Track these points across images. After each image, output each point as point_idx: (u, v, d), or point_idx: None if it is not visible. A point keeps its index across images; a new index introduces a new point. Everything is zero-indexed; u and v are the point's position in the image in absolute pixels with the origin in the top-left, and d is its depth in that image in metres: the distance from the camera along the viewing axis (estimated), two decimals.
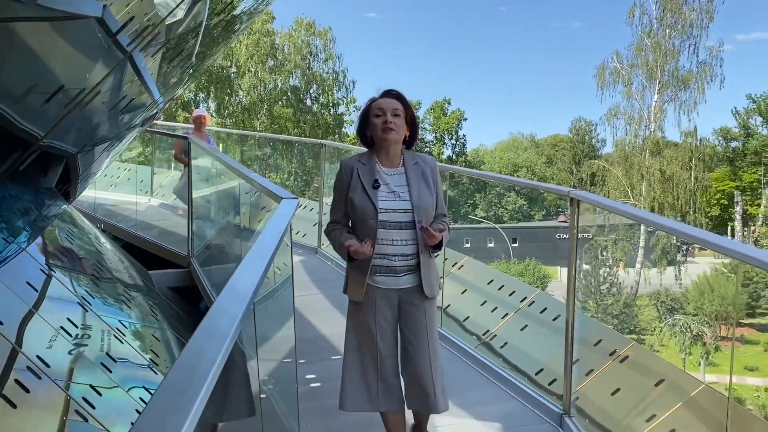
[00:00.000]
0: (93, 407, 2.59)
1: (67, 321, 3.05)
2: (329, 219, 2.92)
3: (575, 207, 3.44)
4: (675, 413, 3.38)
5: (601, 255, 33.72)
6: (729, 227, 49.14)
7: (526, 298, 4.93)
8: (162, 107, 4.97)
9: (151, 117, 4.98)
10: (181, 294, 6.34)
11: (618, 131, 38.61)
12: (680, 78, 36.34)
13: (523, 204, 61.69)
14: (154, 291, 5.34)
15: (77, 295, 3.61)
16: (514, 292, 5.10)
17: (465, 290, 5.49)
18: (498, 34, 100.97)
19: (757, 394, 22.90)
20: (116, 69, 2.76)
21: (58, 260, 3.96)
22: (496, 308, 5.09)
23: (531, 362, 4.36)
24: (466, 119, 66.61)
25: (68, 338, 2.92)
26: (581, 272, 31.11)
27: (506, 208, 61.71)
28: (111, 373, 3.07)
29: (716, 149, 50.13)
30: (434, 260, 2.85)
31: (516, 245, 45.44)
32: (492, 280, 5.37)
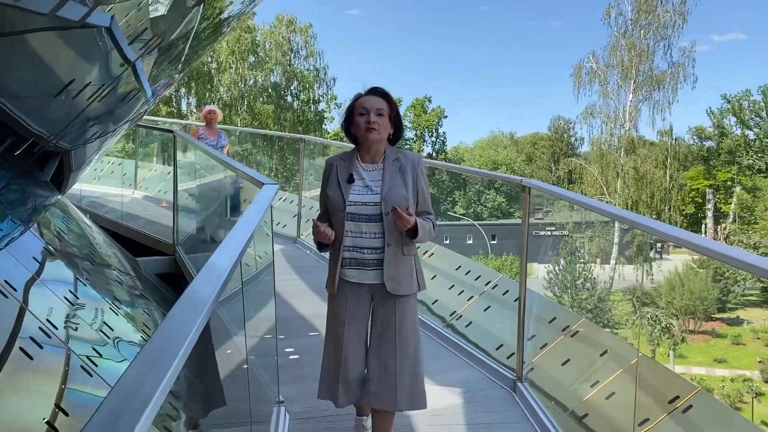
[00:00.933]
0: (95, 365, 2.94)
1: (70, 293, 3.40)
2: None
3: (527, 194, 3.86)
4: (615, 379, 3.79)
5: (578, 251, 34.44)
6: (703, 225, 50.25)
7: (490, 282, 5.35)
8: (152, 106, 5.31)
9: (142, 114, 5.31)
10: (166, 280, 6.66)
11: (594, 130, 39.44)
12: (654, 78, 37.19)
13: (502, 201, 62.35)
14: (143, 275, 5.67)
15: (76, 274, 3.95)
16: (480, 277, 5.52)
17: (435, 276, 5.87)
18: (479, 33, 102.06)
19: (723, 384, 23.79)
20: (122, 74, 3.09)
21: (56, 243, 4.29)
22: (463, 291, 5.49)
23: (492, 339, 4.76)
24: (447, 117, 67.03)
25: (71, 306, 3.27)
26: (558, 267, 31.84)
27: (485, 206, 62.34)
28: (106, 345, 3.42)
29: (691, 148, 51.14)
30: (409, 257, 2.82)
31: (494, 242, 46.13)
32: (460, 266, 5.77)
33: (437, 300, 5.63)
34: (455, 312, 5.33)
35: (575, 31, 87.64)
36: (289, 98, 42.06)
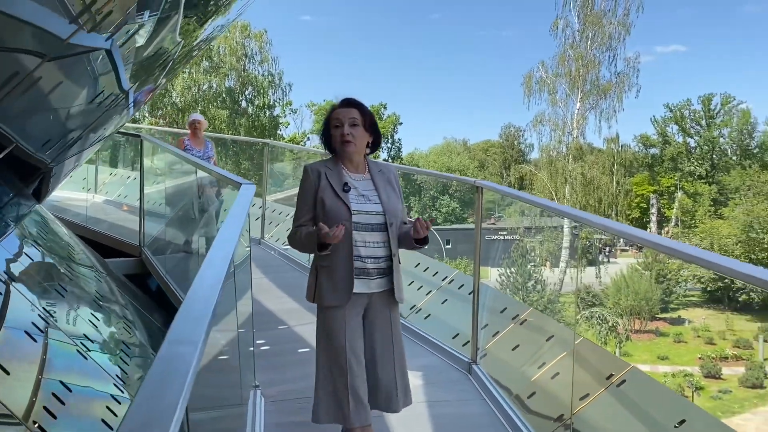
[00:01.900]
0: (89, 350, 3.21)
1: (59, 286, 3.64)
2: (293, 226, 2.88)
3: (480, 194, 4.28)
4: (560, 361, 4.22)
5: (528, 255, 35.38)
6: (648, 229, 52.15)
7: (447, 277, 5.76)
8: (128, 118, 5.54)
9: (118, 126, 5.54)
10: (133, 280, 6.87)
11: (543, 137, 40.50)
12: (601, 87, 38.52)
13: (456, 207, 63.28)
14: (114, 275, 5.88)
15: (55, 274, 4.17)
16: (437, 273, 5.93)
17: None
18: (431, 41, 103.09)
19: (665, 380, 24.94)
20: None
21: (36, 245, 4.50)
22: (422, 287, 5.88)
23: (449, 329, 5.16)
24: (402, 123, 67.54)
25: (60, 297, 3.52)
26: (510, 270, 32.70)
27: (440, 211, 63.14)
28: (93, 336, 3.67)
29: (637, 155, 53.03)
30: (399, 265, 2.89)
31: (449, 246, 46.84)
32: (419, 263, 6.16)
33: None
34: (415, 306, 5.71)
35: (525, 41, 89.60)
36: (244, 103, 41.88)
